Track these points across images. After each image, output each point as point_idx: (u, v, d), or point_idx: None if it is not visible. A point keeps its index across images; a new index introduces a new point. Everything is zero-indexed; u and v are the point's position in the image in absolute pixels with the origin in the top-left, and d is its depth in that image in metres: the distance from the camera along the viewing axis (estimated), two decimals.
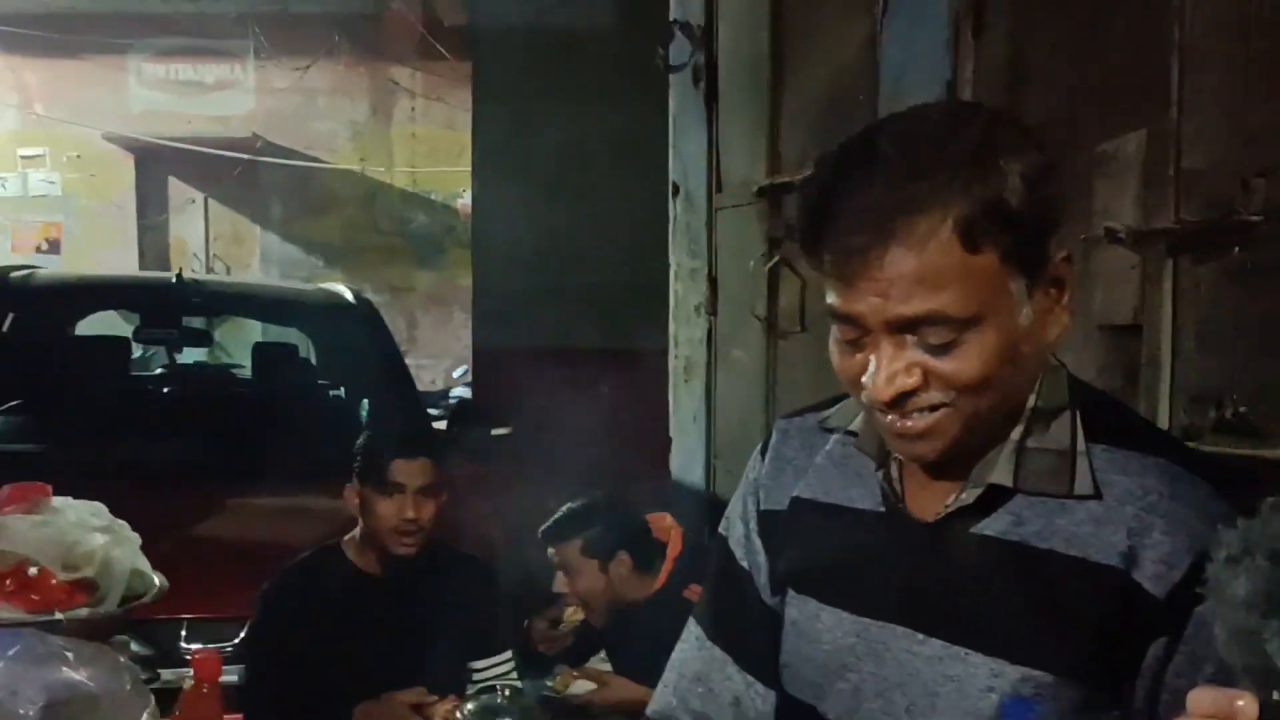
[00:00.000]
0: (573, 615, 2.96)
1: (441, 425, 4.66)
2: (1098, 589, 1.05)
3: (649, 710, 1.36)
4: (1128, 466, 1.08)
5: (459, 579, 2.67)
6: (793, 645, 1.22)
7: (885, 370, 1.05)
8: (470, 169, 6.28)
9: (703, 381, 4.17)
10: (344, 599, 2.58)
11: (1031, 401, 1.11)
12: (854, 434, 1.22)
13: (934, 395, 1.06)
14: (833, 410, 1.28)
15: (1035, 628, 1.07)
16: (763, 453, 1.32)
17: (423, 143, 11.09)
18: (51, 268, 8.27)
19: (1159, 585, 1.04)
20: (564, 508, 2.93)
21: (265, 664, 2.58)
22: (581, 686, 2.68)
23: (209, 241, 11.40)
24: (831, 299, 1.07)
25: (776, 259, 3.56)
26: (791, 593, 1.24)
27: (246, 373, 5.70)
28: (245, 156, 10.87)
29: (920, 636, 1.13)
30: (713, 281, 4.07)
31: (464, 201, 10.17)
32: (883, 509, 1.18)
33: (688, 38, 4.12)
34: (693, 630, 1.35)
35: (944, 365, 1.04)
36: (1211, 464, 1.17)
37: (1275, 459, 1.85)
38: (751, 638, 1.29)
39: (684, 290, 4.27)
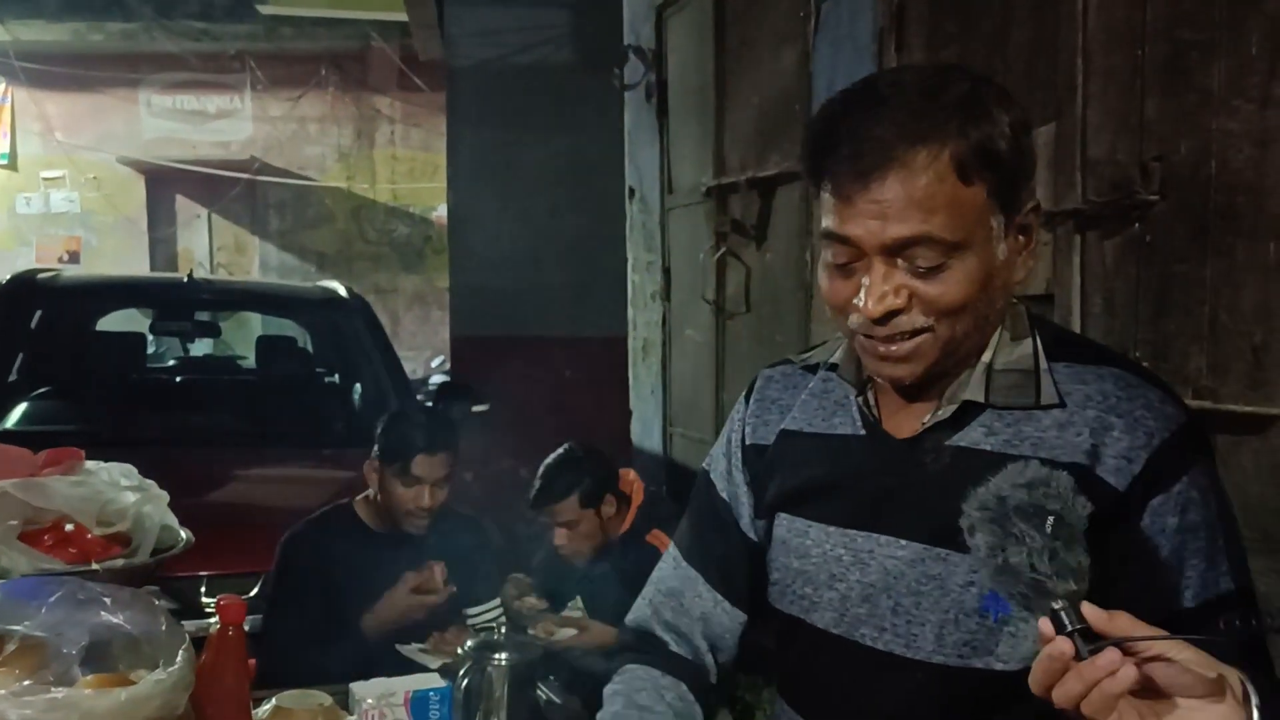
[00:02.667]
0: (535, 604, 2.83)
1: (427, 404, 4.60)
2: None
3: (627, 619, 1.32)
4: (1085, 377, 1.06)
5: (455, 535, 2.60)
6: (783, 562, 1.18)
7: (876, 290, 1.01)
8: (446, 184, 6.20)
9: (659, 359, 4.12)
10: (353, 551, 2.50)
11: (998, 331, 1.09)
12: (834, 367, 1.18)
13: (916, 318, 1.03)
14: (812, 352, 1.25)
15: None
16: (746, 397, 1.28)
17: (402, 163, 10.99)
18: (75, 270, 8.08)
19: (1120, 478, 1.01)
20: (545, 471, 2.79)
21: (285, 603, 2.49)
22: (563, 633, 2.60)
23: (213, 251, 11.20)
24: (829, 222, 1.03)
25: (723, 250, 3.51)
26: (780, 515, 1.19)
27: (250, 363, 5.57)
28: (244, 176, 10.72)
29: (902, 542, 1.09)
30: (666, 272, 4.02)
31: (439, 213, 10.09)
32: (863, 432, 1.14)
33: (640, 60, 4.07)
34: (671, 552, 1.31)
35: (930, 289, 1.01)
36: (1156, 374, 1.14)
37: None
38: (724, 560, 1.25)
39: (641, 280, 4.22)
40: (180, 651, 1.20)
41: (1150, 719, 0.76)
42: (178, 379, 5.26)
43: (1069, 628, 0.76)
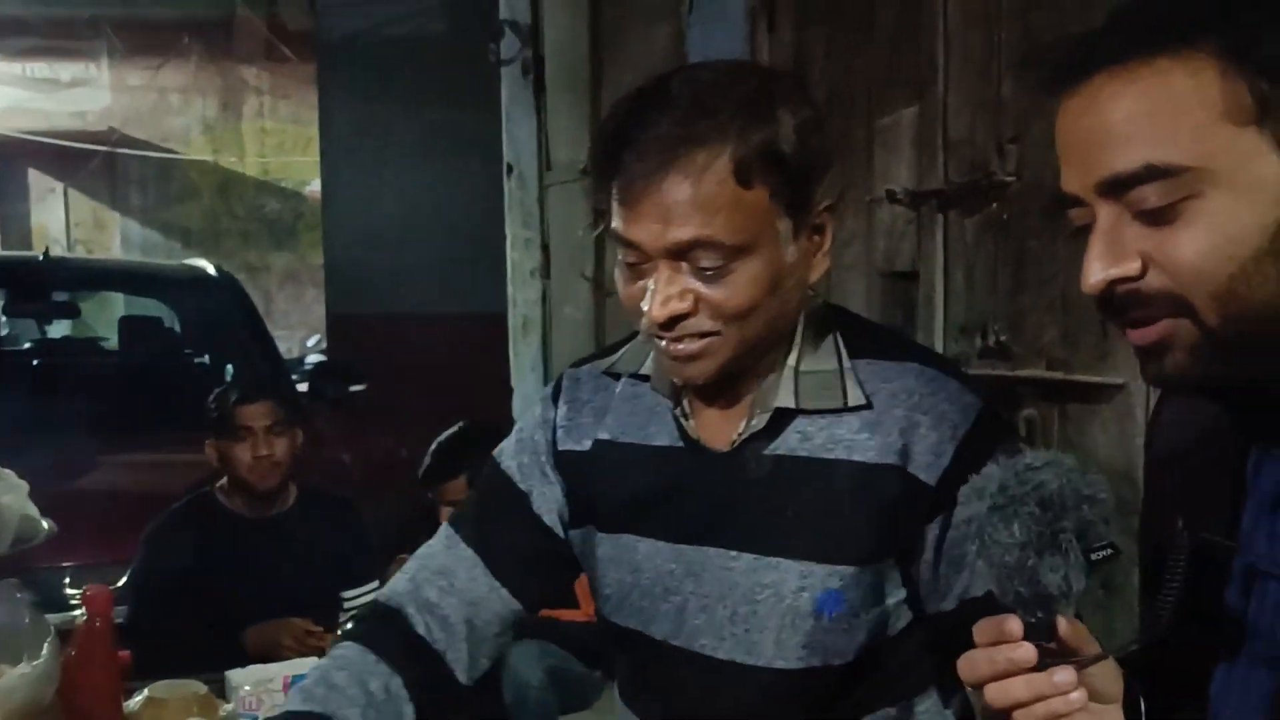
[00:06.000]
0: None
1: (303, 386, 4.52)
2: (881, 485, 1.05)
3: (378, 594, 1.25)
4: (888, 375, 1.08)
5: (327, 516, 2.59)
6: (614, 578, 1.16)
7: (661, 294, 1.00)
8: (319, 159, 6.08)
9: (539, 336, 4.14)
10: (219, 539, 2.48)
11: (799, 331, 1.09)
12: (645, 377, 1.16)
13: (704, 322, 1.02)
14: (617, 356, 1.21)
15: (833, 528, 1.06)
16: (554, 397, 1.23)
17: (272, 136, 10.68)
18: None
19: (930, 474, 1.04)
20: (437, 447, 2.72)
21: (149, 600, 2.45)
22: None
23: (70, 228, 10.74)
24: (617, 224, 1.02)
25: (602, 227, 3.55)
26: (601, 533, 1.17)
27: (113, 344, 5.36)
28: (103, 149, 10.30)
29: (733, 554, 1.09)
30: (545, 249, 4.04)
31: (312, 189, 9.84)
32: (681, 444, 1.13)
33: (517, 35, 4.05)
34: (444, 533, 1.25)
35: (714, 293, 1.01)
36: (952, 362, 1.17)
37: (1029, 377, 1.93)
38: (509, 551, 1.21)
39: (520, 258, 4.22)
40: (45, 644, 1.18)
41: None
42: (34, 362, 5.05)
43: (1041, 641, 0.75)
